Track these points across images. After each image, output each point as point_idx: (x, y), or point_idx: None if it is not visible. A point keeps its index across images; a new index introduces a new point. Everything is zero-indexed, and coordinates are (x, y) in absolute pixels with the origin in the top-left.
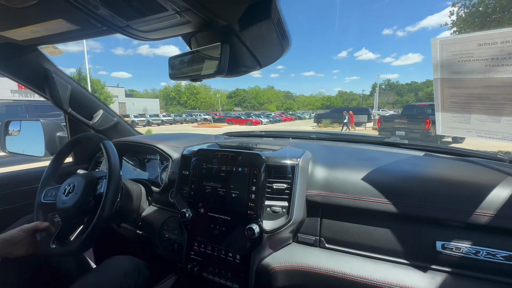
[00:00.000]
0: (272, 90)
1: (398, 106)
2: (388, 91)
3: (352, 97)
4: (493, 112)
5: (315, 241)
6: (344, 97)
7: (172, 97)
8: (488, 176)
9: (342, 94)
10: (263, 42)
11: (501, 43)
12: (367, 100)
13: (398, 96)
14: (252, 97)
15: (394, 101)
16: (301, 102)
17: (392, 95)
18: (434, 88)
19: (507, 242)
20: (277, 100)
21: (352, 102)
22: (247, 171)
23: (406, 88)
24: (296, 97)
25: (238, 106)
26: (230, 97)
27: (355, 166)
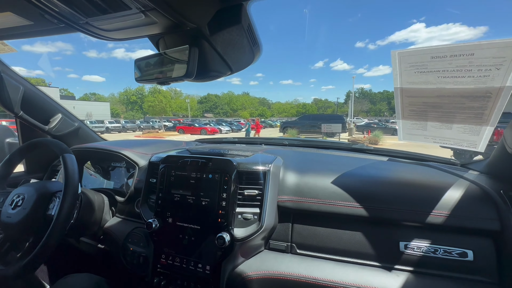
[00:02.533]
0: (247, 96)
1: (371, 114)
2: (362, 99)
3: (327, 105)
4: (446, 120)
5: (286, 247)
6: (320, 105)
7: (133, 101)
8: (443, 179)
9: (317, 101)
10: (234, 47)
11: (450, 57)
12: (342, 108)
13: (372, 104)
14: (225, 103)
15: (368, 109)
16: (276, 109)
17: (366, 103)
18: (395, 97)
19: (460, 240)
20: (251, 106)
21: (327, 110)
22: (217, 177)
23: (378, 96)
24: (272, 104)
25: (210, 112)
26: (201, 103)
27: (324, 171)
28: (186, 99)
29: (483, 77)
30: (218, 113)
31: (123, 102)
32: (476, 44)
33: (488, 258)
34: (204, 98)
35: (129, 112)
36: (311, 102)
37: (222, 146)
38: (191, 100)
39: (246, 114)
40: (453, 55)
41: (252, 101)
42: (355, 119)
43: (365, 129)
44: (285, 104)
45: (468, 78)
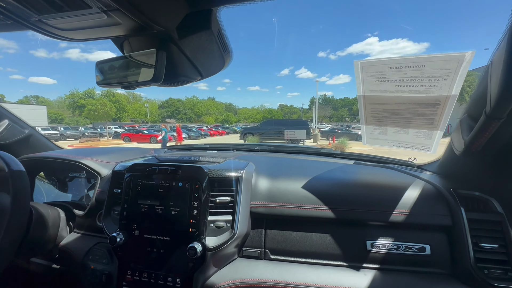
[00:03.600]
0: (212, 101)
1: (334, 120)
2: (325, 105)
3: (292, 111)
4: (403, 125)
5: (260, 254)
6: (285, 111)
7: (82, 105)
8: (402, 180)
9: (283, 107)
10: (204, 52)
11: (405, 68)
12: (306, 114)
13: (334, 110)
14: (189, 108)
15: (331, 115)
16: (242, 115)
17: (329, 109)
18: (358, 103)
19: (419, 236)
20: (217, 112)
21: (292, 115)
22: (188, 185)
23: (340, 103)
24: (238, 110)
25: (172, 117)
26: (162, 107)
27: (295, 176)
28: (145, 104)
29: (433, 87)
30: (181, 119)
31: (70, 106)
32: (426, 57)
33: (442, 251)
34: (166, 103)
35: (75, 118)
36: (277, 108)
37: (192, 153)
38: (151, 104)
39: (211, 120)
40: (407, 66)
41: (217, 106)
42: (320, 125)
43: (329, 135)
44: (251, 110)
45: (420, 87)
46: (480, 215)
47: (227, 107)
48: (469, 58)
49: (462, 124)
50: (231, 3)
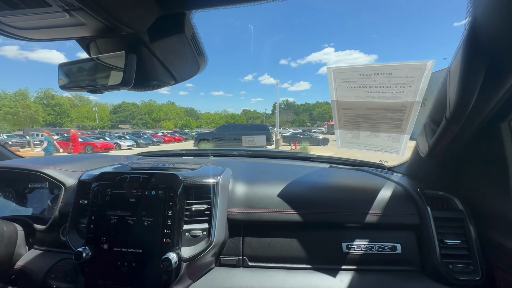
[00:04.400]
0: (172, 106)
1: (296, 124)
2: (287, 110)
3: (256, 116)
4: (374, 129)
5: (238, 261)
6: (249, 116)
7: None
8: (374, 182)
9: (246, 112)
10: (177, 56)
11: (374, 75)
12: (269, 119)
13: (296, 115)
14: (145, 112)
15: (293, 120)
16: (205, 120)
17: (291, 114)
18: (332, 108)
19: (390, 235)
20: (176, 117)
21: (256, 120)
22: (162, 194)
23: (301, 108)
24: (201, 115)
25: (125, 122)
26: (115, 112)
27: (272, 181)
28: (94, 108)
29: (399, 93)
30: (137, 124)
31: None
32: (393, 65)
33: (412, 249)
34: (119, 107)
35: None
36: (241, 113)
37: (167, 160)
38: (101, 109)
39: (170, 125)
40: (376, 74)
41: (178, 111)
42: (282, 129)
43: (291, 140)
44: (214, 115)
45: (388, 94)
46: (444, 213)
47: (188, 112)
48: (430, 66)
49: (426, 128)
50: (203, 7)
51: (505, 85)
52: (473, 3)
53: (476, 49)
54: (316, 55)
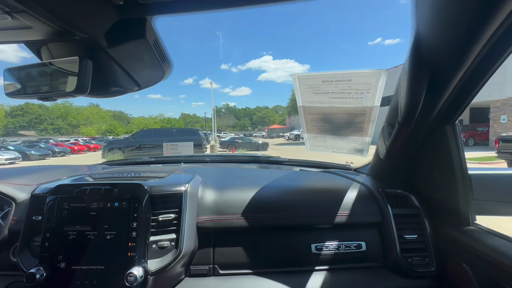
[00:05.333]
0: (95, 108)
1: (237, 129)
2: (228, 114)
3: (195, 120)
4: (339, 133)
5: (209, 270)
6: (188, 120)
7: None
8: (341, 183)
9: (185, 116)
10: (140, 62)
11: (335, 81)
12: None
13: (237, 119)
14: (57, 116)
15: (234, 124)
16: (137, 124)
17: (232, 118)
18: (299, 113)
19: (356, 234)
20: (101, 121)
21: (195, 125)
22: (125, 205)
23: (242, 112)
24: (133, 119)
25: (29, 128)
26: (14, 116)
27: (243, 186)
28: None
29: (359, 99)
30: (46, 130)
31: None
32: (352, 73)
33: (375, 246)
34: (20, 109)
35: None
36: (179, 117)
37: (133, 168)
38: None
39: (91, 131)
40: (337, 80)
41: (102, 114)
42: (223, 134)
43: (229, 145)
44: (148, 119)
45: (349, 99)
46: (402, 210)
47: (116, 116)
48: (384, 74)
49: (384, 132)
50: (163, 14)
51: (445, 94)
52: (416, 19)
53: (419, 61)
54: (255, 61)
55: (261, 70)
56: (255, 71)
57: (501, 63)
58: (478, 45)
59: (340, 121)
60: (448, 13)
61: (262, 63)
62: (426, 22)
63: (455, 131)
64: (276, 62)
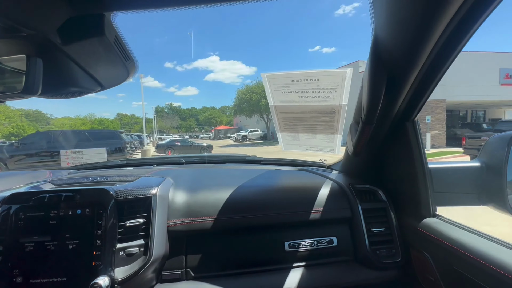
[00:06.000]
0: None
1: (183, 130)
2: (172, 115)
3: (134, 121)
4: (311, 131)
5: (181, 275)
6: (125, 121)
7: None
8: (315, 180)
9: (122, 117)
10: (101, 61)
11: (304, 81)
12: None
13: (182, 120)
14: None
15: (178, 125)
16: (59, 125)
17: (176, 119)
18: (271, 113)
19: (327, 230)
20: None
21: (134, 126)
22: (89, 212)
23: (187, 113)
24: (54, 120)
25: None
26: None
27: (216, 186)
28: None
29: (327, 97)
30: None
31: None
32: (319, 72)
33: (346, 241)
34: None
35: None
36: (115, 117)
37: (101, 173)
38: None
39: None
40: (305, 79)
41: (10, 113)
42: (165, 135)
43: (167, 148)
44: (75, 119)
45: (318, 98)
46: (371, 205)
47: (31, 116)
48: (350, 74)
49: (351, 129)
50: (122, 10)
51: (403, 92)
52: (374, 20)
53: (378, 61)
54: (202, 61)
55: (208, 70)
56: (202, 71)
57: (449, 65)
58: (428, 46)
59: (311, 120)
60: (400, 14)
61: (209, 63)
62: (382, 23)
63: (414, 128)
64: (223, 63)
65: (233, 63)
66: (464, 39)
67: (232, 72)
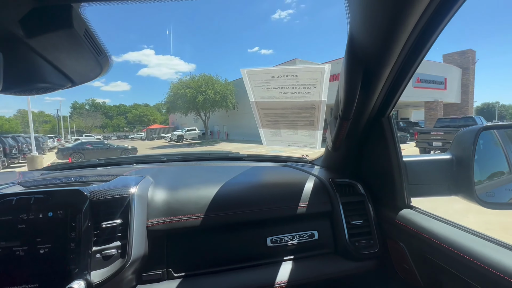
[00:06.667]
0: None
1: (109, 130)
2: (94, 112)
3: (44, 119)
4: (292, 127)
5: (162, 275)
6: (27, 119)
7: None
8: (297, 175)
9: (24, 114)
10: (70, 55)
11: (284, 77)
12: (65, 123)
13: (107, 119)
14: None
15: (103, 124)
16: None
17: (100, 117)
18: (252, 109)
19: (309, 224)
20: None
21: (43, 125)
22: (62, 214)
23: (115, 110)
24: None
25: None
26: None
27: (197, 184)
28: None
29: (307, 93)
30: None
31: None
32: (298, 68)
33: (327, 234)
34: None
35: None
36: (15, 114)
37: (76, 173)
38: None
39: None
40: (285, 75)
41: None
42: (84, 136)
43: (73, 153)
44: None
45: (298, 94)
46: (350, 198)
47: None
48: (328, 69)
49: (330, 125)
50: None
51: (377, 89)
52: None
53: (353, 58)
54: (134, 54)
55: (142, 65)
56: (134, 64)
57: (420, 62)
58: (399, 42)
59: (292, 116)
60: (373, 11)
61: (143, 56)
62: (357, 20)
63: (390, 123)
64: (159, 58)
65: (170, 58)
66: (433, 36)
67: (169, 67)
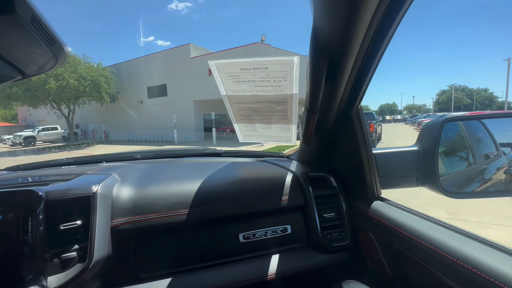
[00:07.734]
0: None
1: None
2: None
3: None
4: (266, 121)
5: (129, 276)
6: None
7: None
8: (272, 170)
9: None
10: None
11: (253, 69)
12: None
13: None
14: None
15: None
16: None
17: None
18: (225, 103)
19: (282, 219)
20: None
21: None
22: (12, 217)
23: None
24: None
25: None
26: None
27: (167, 181)
28: None
29: (278, 87)
30: None
31: None
32: (267, 60)
33: (300, 228)
34: None
35: None
36: None
37: (36, 173)
38: None
39: None
40: (255, 68)
41: None
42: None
43: None
44: None
45: (270, 87)
46: (322, 191)
47: None
48: (297, 62)
49: (301, 118)
50: None
51: (343, 81)
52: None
53: (318, 49)
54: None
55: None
56: None
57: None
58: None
59: (265, 110)
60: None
61: None
62: (320, 11)
63: (359, 116)
64: None
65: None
66: (391, 28)
67: None
